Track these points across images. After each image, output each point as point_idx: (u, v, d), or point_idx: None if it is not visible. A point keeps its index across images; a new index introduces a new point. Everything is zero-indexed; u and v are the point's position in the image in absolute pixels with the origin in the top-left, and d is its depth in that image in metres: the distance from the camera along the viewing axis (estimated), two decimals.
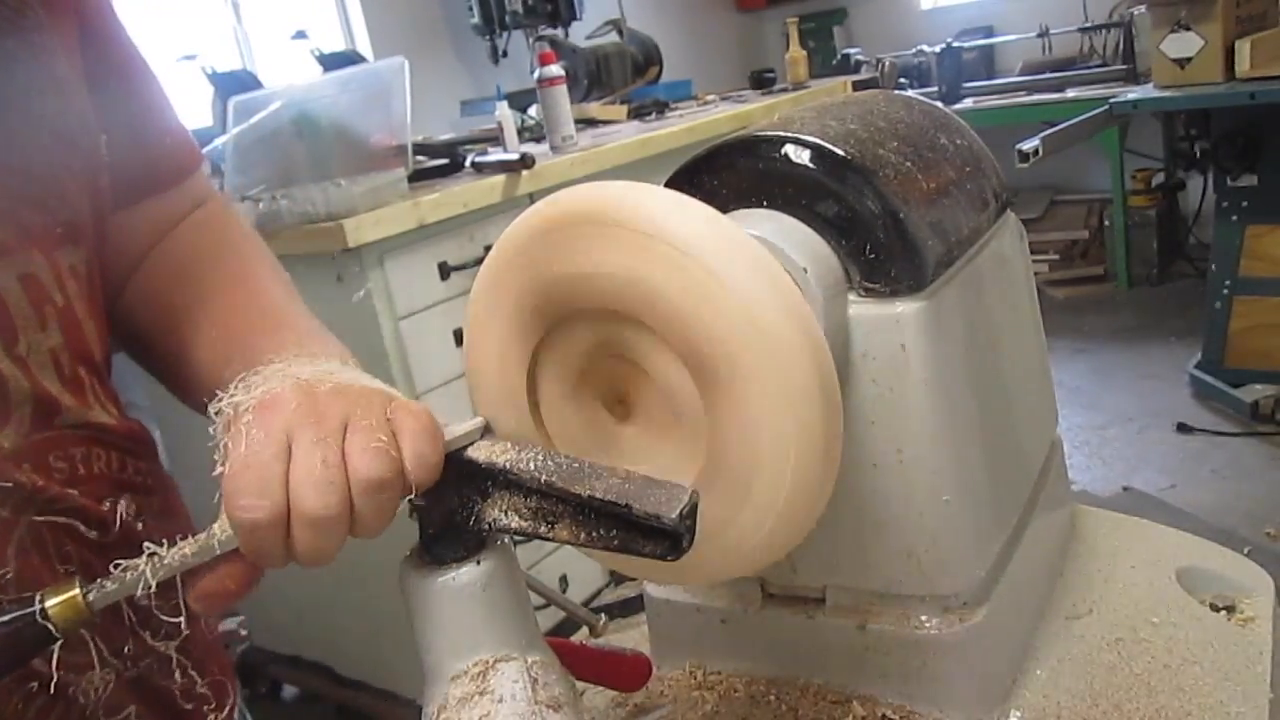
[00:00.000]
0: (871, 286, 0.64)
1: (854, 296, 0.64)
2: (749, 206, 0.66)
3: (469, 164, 2.23)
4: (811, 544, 0.58)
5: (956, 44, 4.31)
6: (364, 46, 3.76)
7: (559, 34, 3.83)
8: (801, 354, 0.50)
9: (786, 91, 3.31)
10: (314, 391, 0.50)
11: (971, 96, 4.23)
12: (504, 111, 2.37)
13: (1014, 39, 4.51)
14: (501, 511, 0.51)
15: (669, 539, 0.46)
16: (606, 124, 3.03)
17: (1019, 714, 0.68)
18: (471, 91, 3.98)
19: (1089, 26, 4.27)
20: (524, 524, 0.50)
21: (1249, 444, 2.84)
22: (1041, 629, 0.75)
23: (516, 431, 0.58)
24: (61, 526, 0.58)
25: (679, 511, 0.45)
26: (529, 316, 0.55)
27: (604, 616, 0.86)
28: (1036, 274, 4.16)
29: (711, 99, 3.36)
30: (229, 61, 3.47)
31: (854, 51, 4.47)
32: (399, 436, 0.48)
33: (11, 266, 0.56)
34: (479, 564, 0.51)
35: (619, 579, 2.20)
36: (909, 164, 0.67)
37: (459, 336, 2.01)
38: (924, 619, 0.67)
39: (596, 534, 0.48)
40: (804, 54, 3.46)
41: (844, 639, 0.69)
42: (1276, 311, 2.95)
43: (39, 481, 0.56)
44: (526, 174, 2.12)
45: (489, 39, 3.92)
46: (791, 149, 0.64)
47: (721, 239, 0.50)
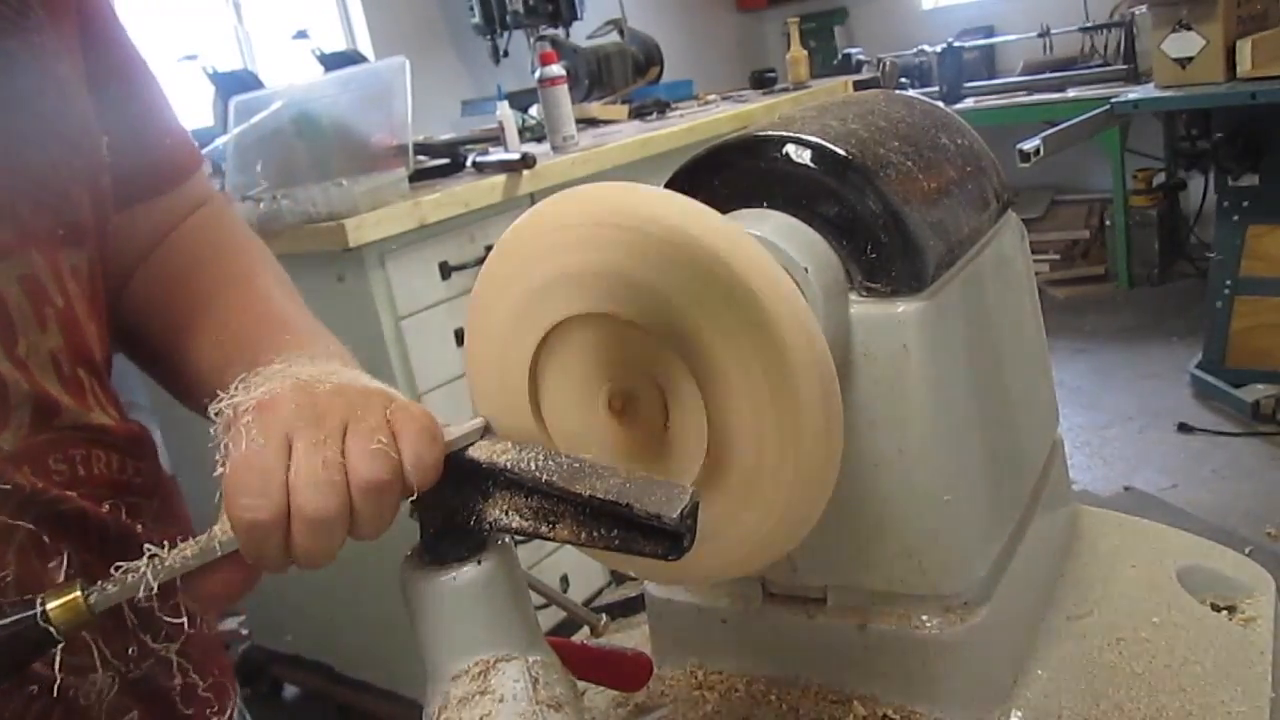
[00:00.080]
0: (872, 286, 0.64)
1: (855, 296, 0.64)
2: (750, 206, 0.66)
3: (470, 164, 2.23)
4: (812, 544, 0.58)
5: (957, 44, 4.31)
6: (365, 46, 3.76)
7: (560, 34, 3.83)
8: (801, 354, 0.50)
9: (787, 91, 3.31)
10: (314, 392, 0.50)
11: (972, 96, 4.23)
12: (505, 111, 2.37)
13: (1015, 39, 4.50)
14: (502, 511, 0.50)
15: (670, 539, 0.46)
16: (607, 124, 3.03)
17: (1020, 714, 0.68)
18: (472, 91, 3.98)
19: (1090, 26, 4.26)
20: (525, 524, 0.50)
21: (1250, 444, 2.84)
22: (1042, 629, 0.75)
23: (517, 431, 0.58)
24: (61, 528, 0.58)
25: (680, 511, 0.45)
26: (530, 316, 0.55)
27: (605, 616, 0.86)
28: (1037, 274, 4.14)
29: (712, 99, 3.36)
30: (230, 61, 3.47)
31: (855, 51, 4.47)
32: (399, 438, 0.48)
33: (12, 267, 0.56)
34: (480, 564, 0.51)
35: (620, 579, 2.20)
36: (910, 164, 0.67)
37: (460, 336, 2.01)
38: (925, 619, 0.67)
39: (597, 534, 0.48)
40: (805, 54, 3.47)
41: (845, 639, 0.69)
42: (1277, 311, 2.95)
43: (39, 483, 0.56)
44: (527, 174, 2.12)
45: (490, 39, 3.92)
46: (792, 149, 0.64)
47: (721, 239, 0.50)
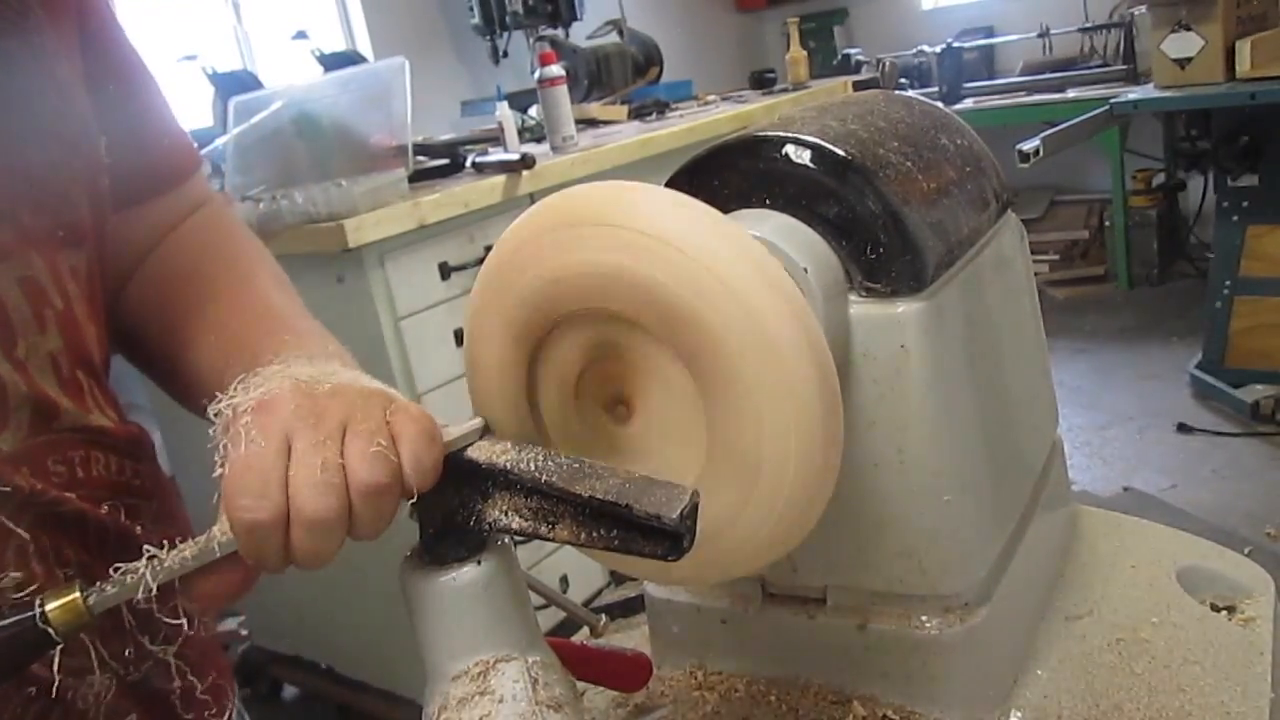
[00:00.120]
0: (872, 286, 0.64)
1: (854, 297, 0.64)
2: (749, 206, 0.66)
3: (469, 164, 2.23)
4: (812, 544, 0.58)
5: (957, 44, 4.31)
6: (364, 47, 3.76)
7: (559, 34, 3.83)
8: (801, 354, 0.50)
9: (787, 92, 3.31)
10: (313, 392, 0.50)
11: (972, 97, 4.23)
12: (504, 112, 2.37)
13: (1014, 39, 4.50)
14: (502, 512, 0.50)
15: (670, 539, 0.46)
16: (607, 124, 3.03)
17: (1019, 714, 0.68)
18: (472, 92, 3.98)
19: (1089, 27, 4.26)
20: (524, 524, 0.50)
21: (1249, 444, 2.84)
22: (1042, 629, 0.75)
23: (517, 432, 0.58)
24: (60, 530, 0.58)
25: (679, 511, 0.45)
26: (529, 317, 0.55)
27: (604, 617, 0.86)
28: (1037, 274, 4.15)
29: (712, 99, 3.36)
30: (229, 62, 3.47)
31: (854, 52, 4.47)
32: (398, 440, 0.48)
33: (11, 269, 0.56)
34: (479, 564, 0.51)
35: (619, 579, 2.20)
36: (909, 164, 0.67)
37: (459, 336, 2.01)
38: (924, 619, 0.67)
39: (597, 534, 0.48)
40: (804, 54, 3.46)
41: (844, 639, 0.69)
42: (1277, 312, 2.95)
43: (38, 485, 0.56)
44: (527, 174, 2.12)
45: (489, 39, 3.91)
46: (792, 149, 0.64)
47: (722, 239, 0.50)
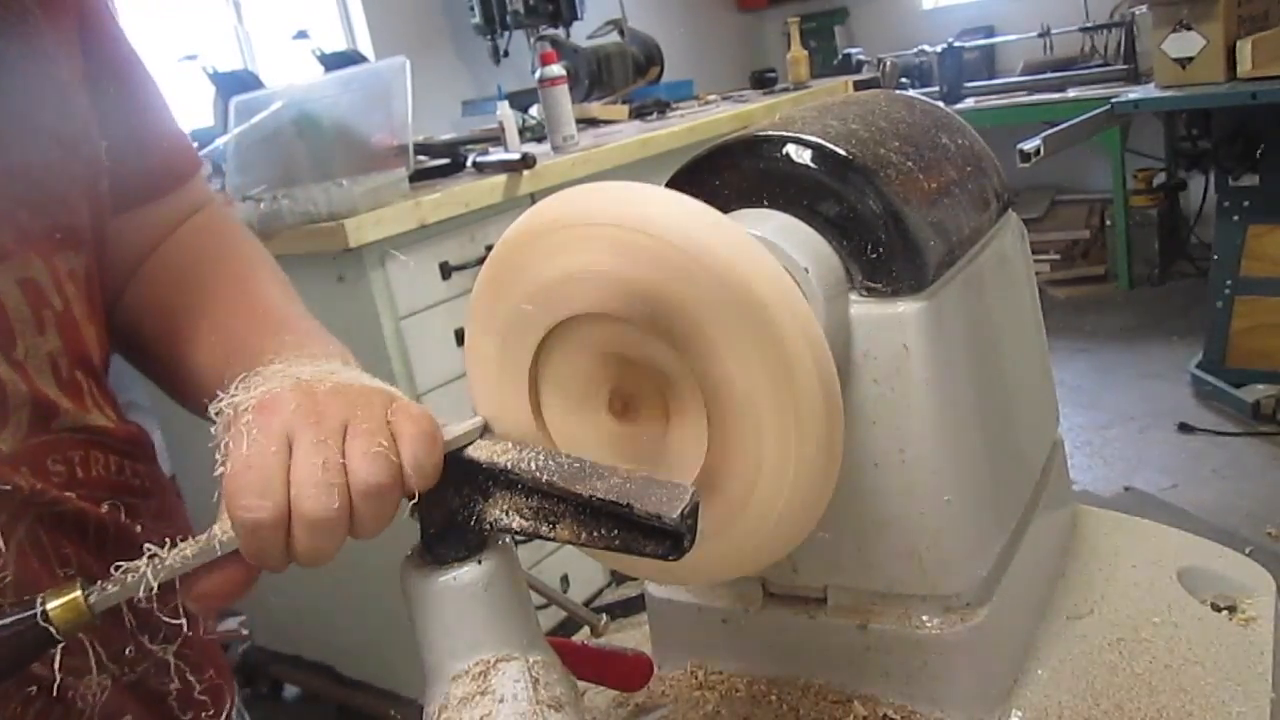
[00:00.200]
0: (873, 286, 0.64)
1: (855, 296, 0.64)
2: (750, 206, 0.66)
3: (470, 164, 2.23)
4: (813, 544, 0.58)
5: (958, 44, 4.32)
6: (365, 46, 3.76)
7: (560, 34, 3.83)
8: (802, 354, 0.50)
9: (788, 91, 3.31)
10: (314, 391, 0.50)
11: (973, 96, 4.23)
12: (505, 111, 2.37)
13: (1015, 39, 4.50)
14: (503, 511, 0.50)
15: (670, 539, 0.46)
16: (608, 124, 3.03)
17: (1020, 714, 0.68)
18: (473, 91, 3.98)
19: (1090, 26, 4.26)
20: (525, 524, 0.50)
21: (1250, 444, 2.84)
22: (1043, 629, 0.75)
23: (517, 432, 0.58)
24: (60, 529, 0.58)
25: (680, 511, 0.45)
26: (530, 316, 0.55)
27: (605, 616, 0.86)
28: (1037, 274, 4.13)
29: (713, 99, 3.36)
30: (230, 61, 3.47)
31: (855, 51, 4.47)
32: (398, 440, 0.48)
33: (10, 270, 0.56)
34: (480, 564, 0.51)
35: (620, 579, 2.20)
36: (910, 164, 0.67)
37: (460, 336, 2.01)
38: (925, 619, 0.67)
39: (598, 534, 0.48)
40: (805, 54, 3.47)
41: (845, 639, 0.69)
42: (1277, 311, 2.95)
43: (37, 484, 0.56)
44: (528, 174, 2.12)
45: (490, 39, 3.91)
46: (793, 149, 0.64)
47: (722, 239, 0.50)
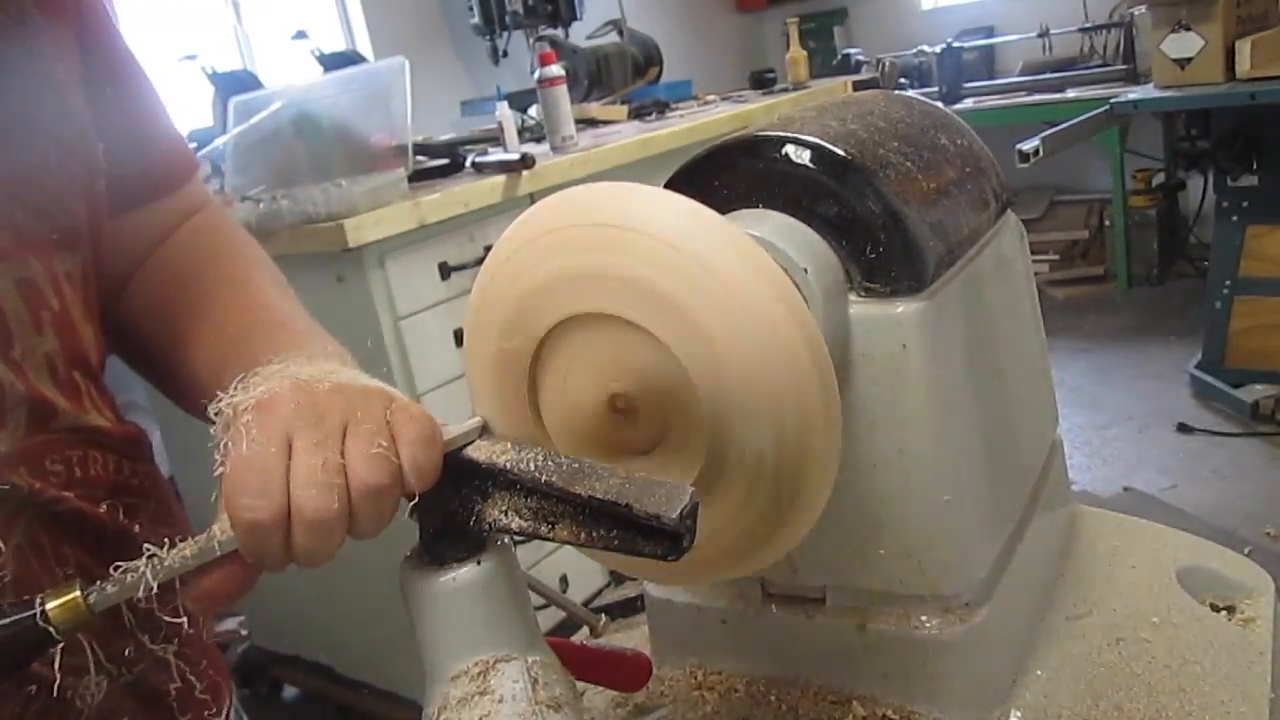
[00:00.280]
0: (872, 287, 0.64)
1: (854, 297, 0.64)
2: (749, 206, 0.66)
3: (469, 164, 2.23)
4: (811, 544, 0.58)
5: (957, 44, 4.32)
6: (364, 46, 3.76)
7: (559, 34, 3.83)
8: (801, 355, 0.50)
9: (787, 91, 3.31)
10: (313, 391, 0.50)
11: (972, 96, 4.23)
12: (504, 112, 2.37)
13: (1014, 39, 4.50)
14: (502, 512, 0.50)
15: (669, 539, 0.46)
16: (607, 124, 3.03)
17: (1019, 714, 0.68)
18: (472, 91, 3.98)
19: (1089, 27, 4.26)
20: (524, 524, 0.50)
21: (1249, 444, 2.84)
22: (1042, 629, 0.75)
23: (516, 432, 0.58)
24: (59, 529, 0.58)
25: (679, 511, 0.45)
26: (529, 317, 0.55)
27: (604, 616, 0.86)
28: (1037, 274, 4.15)
29: (712, 99, 3.36)
30: (229, 61, 3.47)
31: (854, 51, 4.47)
32: (398, 441, 0.48)
33: (8, 271, 0.56)
34: (479, 564, 0.51)
35: (619, 579, 2.20)
36: (909, 164, 0.67)
37: (459, 336, 2.01)
38: (924, 619, 0.67)
39: (597, 534, 0.48)
40: (804, 54, 3.46)
41: (844, 639, 0.69)
42: (1277, 312, 2.95)
43: (36, 484, 0.56)
44: (527, 174, 2.12)
45: (489, 39, 3.91)
46: (792, 149, 0.64)
47: (721, 240, 0.50)
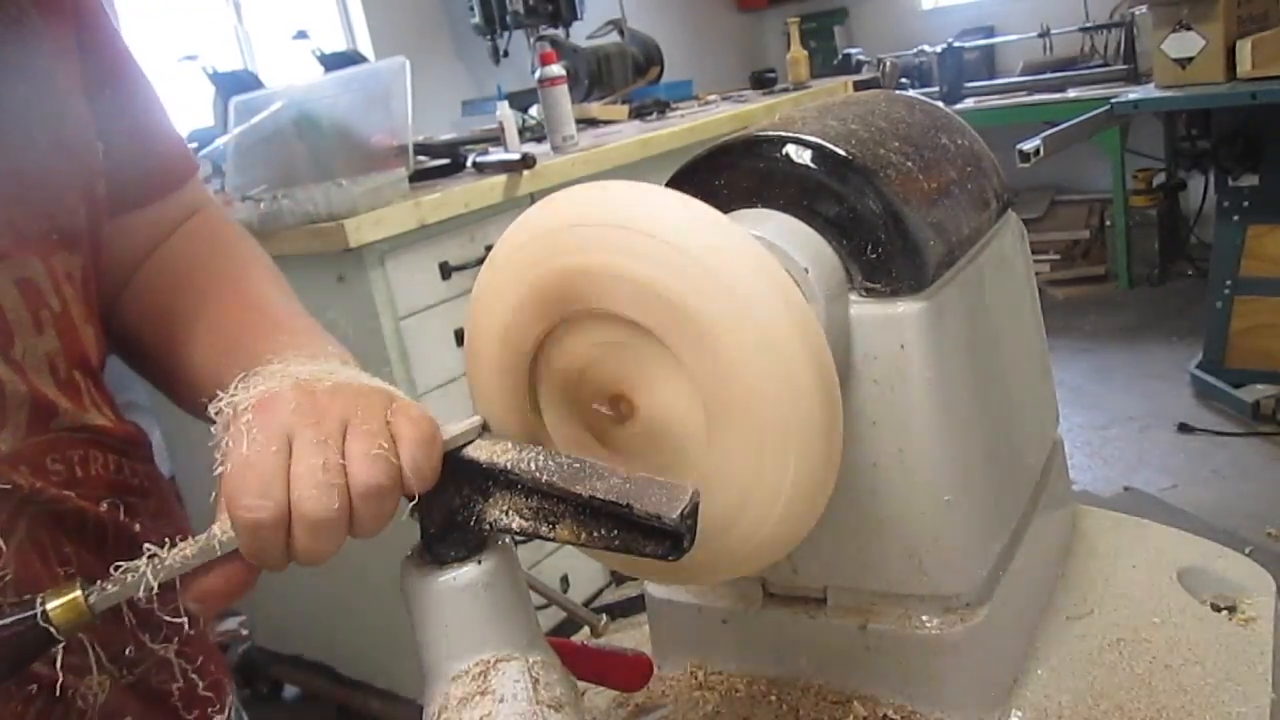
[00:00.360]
0: (872, 286, 0.64)
1: (855, 297, 0.64)
2: (750, 206, 0.66)
3: (470, 164, 2.23)
4: (812, 544, 0.58)
5: (958, 44, 4.32)
6: (365, 46, 3.76)
7: (560, 34, 3.83)
8: (801, 354, 0.50)
9: (787, 91, 3.31)
10: (313, 390, 0.50)
11: (972, 96, 4.24)
12: (505, 111, 2.37)
13: (1015, 39, 4.50)
14: (502, 512, 0.50)
15: (670, 539, 0.46)
16: (607, 124, 3.03)
17: (1020, 714, 0.68)
18: (472, 91, 3.98)
19: (1090, 26, 4.26)
20: (525, 524, 0.50)
21: (1250, 444, 2.84)
22: (1042, 629, 0.75)
23: (517, 432, 0.58)
24: (59, 528, 0.58)
25: (680, 511, 0.45)
26: (530, 317, 0.55)
27: (605, 616, 0.86)
28: (1037, 274, 4.13)
29: (712, 99, 3.36)
30: (230, 61, 3.47)
31: (855, 51, 4.47)
32: (398, 441, 0.48)
33: (8, 271, 0.56)
34: (480, 564, 0.51)
35: (620, 579, 2.20)
36: (910, 164, 0.67)
37: (459, 336, 2.01)
38: (925, 619, 0.67)
39: (598, 534, 0.48)
40: (805, 54, 3.46)
41: (845, 639, 0.69)
42: (1277, 311, 2.95)
43: (36, 483, 0.56)
44: (527, 174, 2.12)
45: (490, 39, 3.91)
46: (793, 149, 0.64)
47: (722, 239, 0.50)
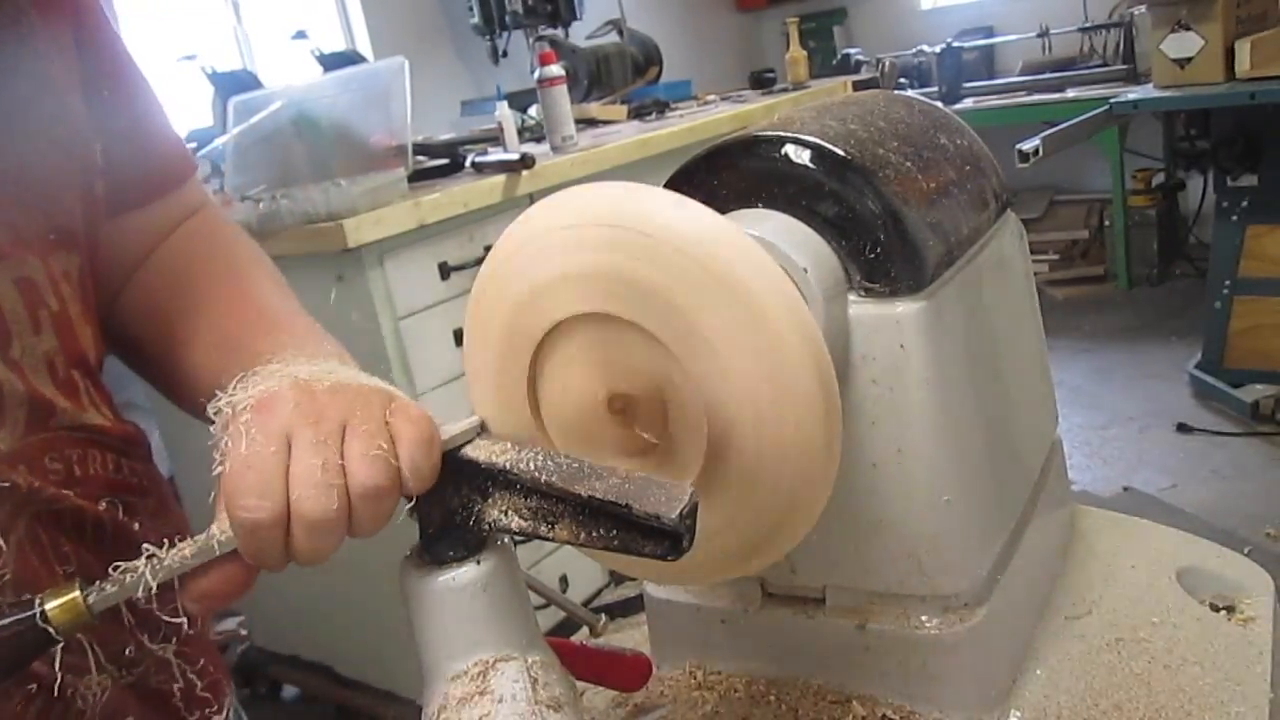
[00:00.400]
0: (871, 287, 0.64)
1: (854, 297, 0.64)
2: (749, 206, 0.66)
3: (469, 164, 2.23)
4: (811, 544, 0.58)
5: (957, 44, 4.32)
6: (364, 46, 3.76)
7: (559, 34, 3.83)
8: (800, 355, 0.50)
9: (786, 91, 3.31)
10: (312, 390, 0.50)
11: (972, 96, 4.24)
12: (504, 111, 2.37)
13: (1014, 39, 4.51)
14: (502, 511, 0.50)
15: (669, 539, 0.46)
16: (607, 124, 3.03)
17: (1019, 714, 0.68)
18: (472, 91, 3.98)
19: (1089, 26, 4.27)
20: (524, 524, 0.50)
21: (1249, 444, 2.84)
22: (1041, 629, 0.75)
23: (516, 432, 0.58)
24: (58, 527, 0.58)
25: (679, 511, 0.45)
26: (529, 317, 0.55)
27: (604, 616, 0.86)
28: (1036, 274, 4.16)
29: (711, 99, 3.36)
30: (229, 61, 3.47)
31: (854, 51, 4.48)
32: (397, 442, 0.48)
33: (7, 271, 0.56)
34: (479, 564, 0.51)
35: (619, 579, 2.20)
36: (909, 164, 0.67)
37: (459, 336, 2.01)
38: (924, 619, 0.67)
39: (597, 534, 0.48)
40: (804, 54, 3.46)
41: (844, 639, 0.69)
42: (1277, 312, 2.95)
43: (35, 483, 0.56)
44: (527, 174, 2.12)
45: (489, 39, 3.92)
46: (791, 149, 0.64)
47: (720, 239, 0.50)
